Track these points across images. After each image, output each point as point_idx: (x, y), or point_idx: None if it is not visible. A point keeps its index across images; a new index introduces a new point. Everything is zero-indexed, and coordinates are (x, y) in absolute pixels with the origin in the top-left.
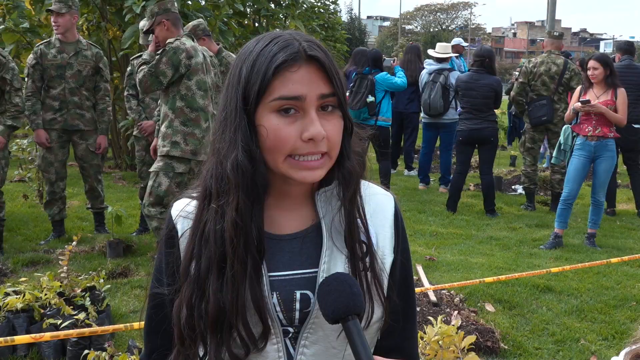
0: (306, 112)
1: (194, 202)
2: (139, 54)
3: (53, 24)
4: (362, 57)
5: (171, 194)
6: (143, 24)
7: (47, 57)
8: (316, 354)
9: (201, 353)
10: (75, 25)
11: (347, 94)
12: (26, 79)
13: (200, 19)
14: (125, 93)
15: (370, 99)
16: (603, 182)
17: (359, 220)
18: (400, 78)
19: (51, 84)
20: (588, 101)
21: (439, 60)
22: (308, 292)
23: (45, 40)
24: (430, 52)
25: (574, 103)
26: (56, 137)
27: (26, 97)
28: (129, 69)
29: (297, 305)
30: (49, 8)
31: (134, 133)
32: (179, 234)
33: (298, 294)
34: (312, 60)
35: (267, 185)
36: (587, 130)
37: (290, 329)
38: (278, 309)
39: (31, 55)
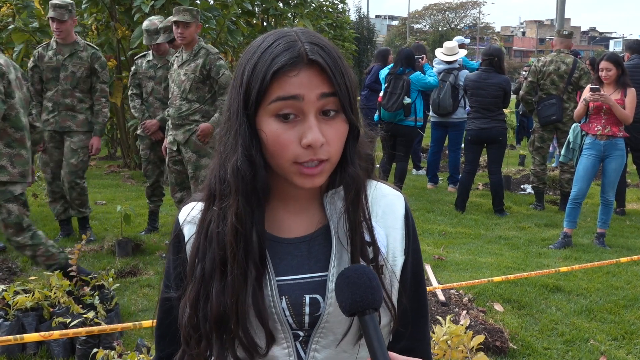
0: (305, 117)
1: (200, 205)
2: (144, 53)
3: (55, 29)
4: (384, 55)
5: (24, 214)
6: (147, 24)
7: (43, 59)
8: (327, 358)
9: (207, 353)
10: (73, 27)
11: (381, 94)
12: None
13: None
14: (129, 92)
15: (407, 100)
16: (612, 182)
17: (364, 223)
18: (431, 77)
19: (47, 86)
20: (598, 88)
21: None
22: (317, 296)
23: (44, 43)
24: (437, 53)
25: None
26: (49, 138)
27: None
28: (133, 68)
29: (307, 310)
30: (50, 15)
31: (138, 132)
32: (186, 238)
33: (307, 298)
34: (314, 64)
35: (268, 191)
36: (596, 129)
37: (301, 333)
38: (287, 313)
39: (31, 59)
